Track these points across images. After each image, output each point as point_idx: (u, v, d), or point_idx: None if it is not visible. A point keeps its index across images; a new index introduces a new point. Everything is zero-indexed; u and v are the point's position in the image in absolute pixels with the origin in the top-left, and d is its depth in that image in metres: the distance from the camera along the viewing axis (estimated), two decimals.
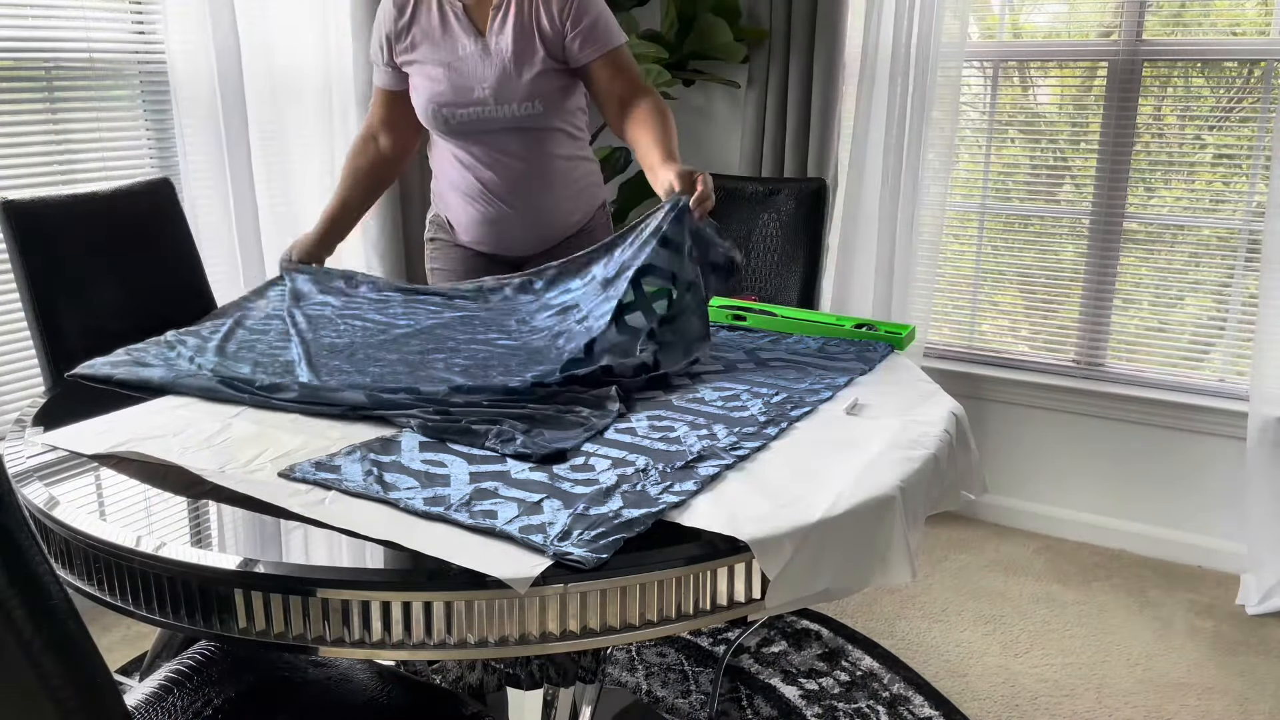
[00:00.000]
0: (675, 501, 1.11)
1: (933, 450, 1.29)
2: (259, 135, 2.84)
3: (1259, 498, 2.63)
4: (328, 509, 1.09)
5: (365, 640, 0.98)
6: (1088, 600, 2.68)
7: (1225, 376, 2.86)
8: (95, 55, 2.50)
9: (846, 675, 2.31)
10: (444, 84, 2.06)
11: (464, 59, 2.05)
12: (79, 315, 1.96)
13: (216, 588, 0.99)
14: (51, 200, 1.95)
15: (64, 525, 1.09)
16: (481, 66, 2.05)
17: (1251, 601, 2.62)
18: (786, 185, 2.39)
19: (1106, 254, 2.94)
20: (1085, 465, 3.00)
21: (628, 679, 2.28)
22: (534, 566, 0.97)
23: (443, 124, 2.09)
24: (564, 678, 1.49)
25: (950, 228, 3.14)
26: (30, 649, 0.84)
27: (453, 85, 2.06)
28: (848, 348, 1.75)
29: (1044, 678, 2.33)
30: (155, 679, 1.29)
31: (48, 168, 2.43)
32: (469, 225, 2.18)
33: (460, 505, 1.09)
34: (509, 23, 2.03)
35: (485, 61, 2.04)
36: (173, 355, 1.64)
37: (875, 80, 2.95)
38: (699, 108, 3.35)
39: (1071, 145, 2.95)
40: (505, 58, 2.03)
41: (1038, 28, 2.95)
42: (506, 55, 2.03)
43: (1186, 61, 2.78)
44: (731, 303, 1.96)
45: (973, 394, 3.11)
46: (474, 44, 2.05)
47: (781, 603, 1.06)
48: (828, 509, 1.10)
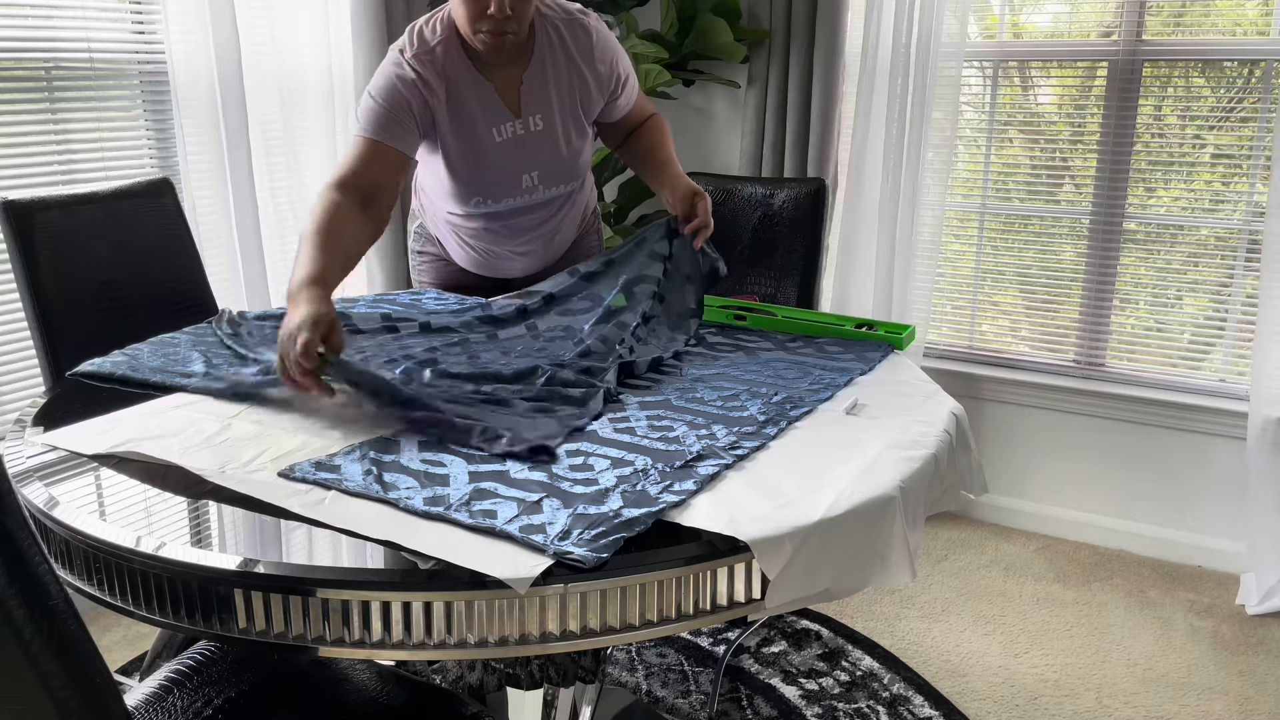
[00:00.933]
0: (675, 501, 1.11)
1: (933, 450, 1.29)
2: (259, 135, 2.84)
3: (1259, 498, 2.63)
4: (328, 509, 1.09)
5: (365, 640, 0.98)
6: (1088, 600, 2.68)
7: (1225, 376, 2.86)
8: (95, 55, 2.50)
9: (846, 675, 2.31)
10: (486, 176, 1.88)
11: (503, 145, 1.87)
12: (79, 315, 1.96)
13: (216, 588, 0.99)
14: (51, 200, 1.95)
15: (64, 525, 1.09)
16: (525, 152, 1.88)
17: (1251, 601, 2.61)
18: (786, 185, 2.39)
19: (1106, 254, 2.94)
20: (1085, 465, 3.00)
21: (628, 679, 2.28)
22: (534, 566, 0.97)
23: (474, 209, 1.95)
24: (564, 678, 1.49)
25: (950, 228, 3.14)
26: (30, 649, 0.84)
27: (495, 177, 1.89)
28: (847, 347, 1.75)
29: (1044, 678, 2.33)
30: (155, 679, 1.29)
31: (48, 168, 2.43)
32: (465, 259, 2.14)
33: (460, 505, 1.09)
34: (550, 97, 1.86)
35: (528, 147, 1.88)
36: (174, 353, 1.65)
37: (875, 80, 2.95)
38: (699, 108, 3.35)
39: (1071, 145, 2.95)
40: (555, 138, 1.88)
41: (1038, 28, 2.95)
42: (556, 135, 1.88)
43: (1187, 61, 2.78)
44: (731, 302, 1.96)
45: (973, 394, 3.11)
46: (511, 128, 1.86)
47: (781, 603, 1.06)
48: (828, 509, 1.10)
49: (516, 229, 2.02)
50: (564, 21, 1.86)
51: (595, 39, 1.87)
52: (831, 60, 2.96)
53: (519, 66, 1.84)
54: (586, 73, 1.87)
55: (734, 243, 2.41)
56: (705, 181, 2.47)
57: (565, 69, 1.86)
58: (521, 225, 2.01)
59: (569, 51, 1.86)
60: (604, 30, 1.90)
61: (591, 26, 1.88)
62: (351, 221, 1.66)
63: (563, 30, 1.86)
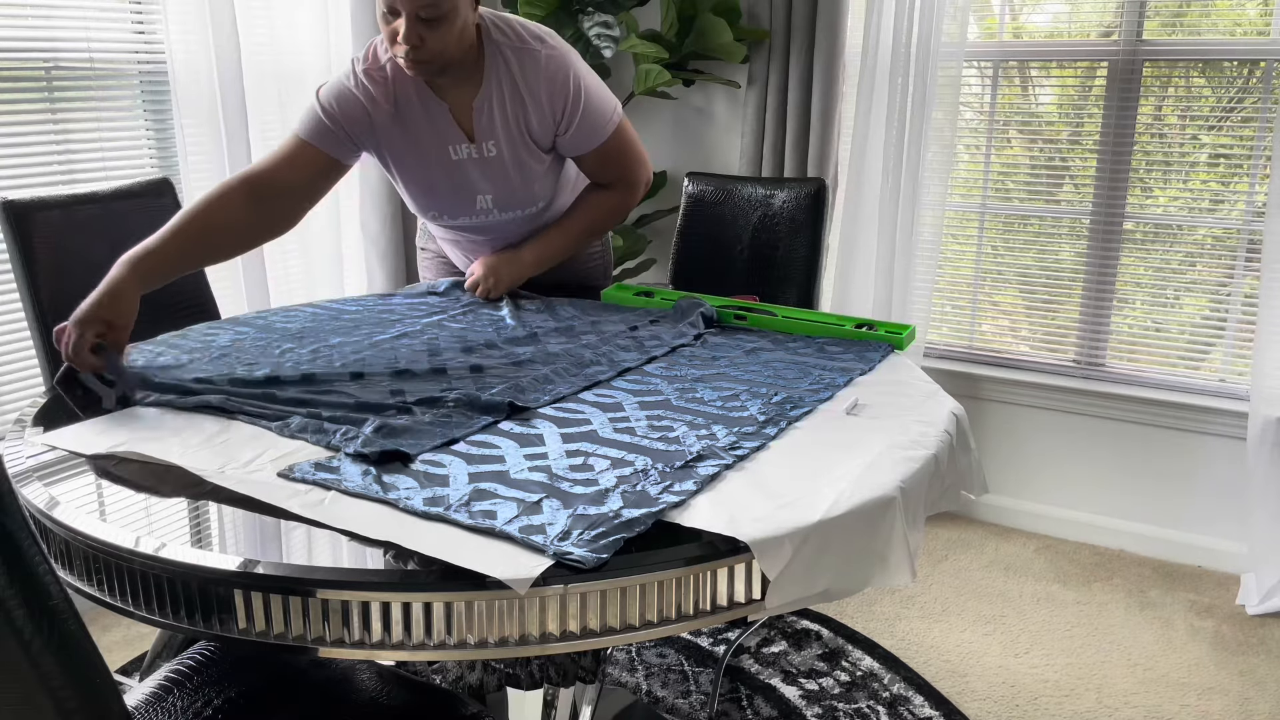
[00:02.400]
0: (675, 501, 1.11)
1: (933, 450, 1.29)
2: (259, 136, 2.84)
3: (1259, 498, 2.63)
4: (328, 509, 1.09)
5: (365, 640, 0.98)
6: (1088, 600, 2.68)
7: (1225, 376, 2.86)
8: (95, 56, 2.50)
9: (846, 675, 2.31)
10: (441, 195, 1.90)
11: (458, 166, 1.87)
12: None
13: (216, 588, 0.99)
14: (51, 200, 1.95)
15: (64, 525, 1.09)
16: (478, 176, 1.88)
17: (1251, 601, 2.61)
18: (786, 185, 2.39)
19: (1106, 254, 2.94)
20: (1085, 465, 3.00)
21: (628, 679, 2.28)
22: (534, 567, 0.97)
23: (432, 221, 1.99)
24: (564, 678, 1.49)
25: (950, 228, 3.14)
26: (30, 649, 0.84)
27: (451, 199, 1.91)
28: (847, 347, 1.75)
29: (1044, 678, 2.33)
30: (155, 679, 1.29)
31: (48, 168, 2.43)
32: (456, 259, 2.19)
33: (459, 505, 1.09)
34: (496, 126, 1.84)
35: (482, 170, 1.88)
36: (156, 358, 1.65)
37: (875, 80, 2.95)
38: (699, 108, 3.35)
39: (1071, 145, 2.95)
40: (504, 163, 1.87)
41: (1038, 28, 2.95)
42: (505, 161, 1.87)
43: (1187, 61, 2.78)
44: (731, 302, 1.96)
45: (973, 394, 3.11)
46: (465, 150, 1.86)
47: (781, 603, 1.06)
48: (828, 509, 1.10)
49: (482, 244, 2.04)
50: (514, 49, 1.82)
51: (542, 68, 1.82)
52: (831, 60, 2.96)
53: (470, 90, 1.83)
54: (528, 101, 1.84)
55: (734, 243, 2.41)
56: (705, 181, 2.47)
57: (511, 96, 1.83)
58: (486, 240, 2.03)
59: (514, 79, 1.83)
60: (557, 63, 1.83)
61: (542, 56, 1.82)
62: (228, 211, 1.68)
63: (510, 58, 1.82)
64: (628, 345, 1.70)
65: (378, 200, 3.20)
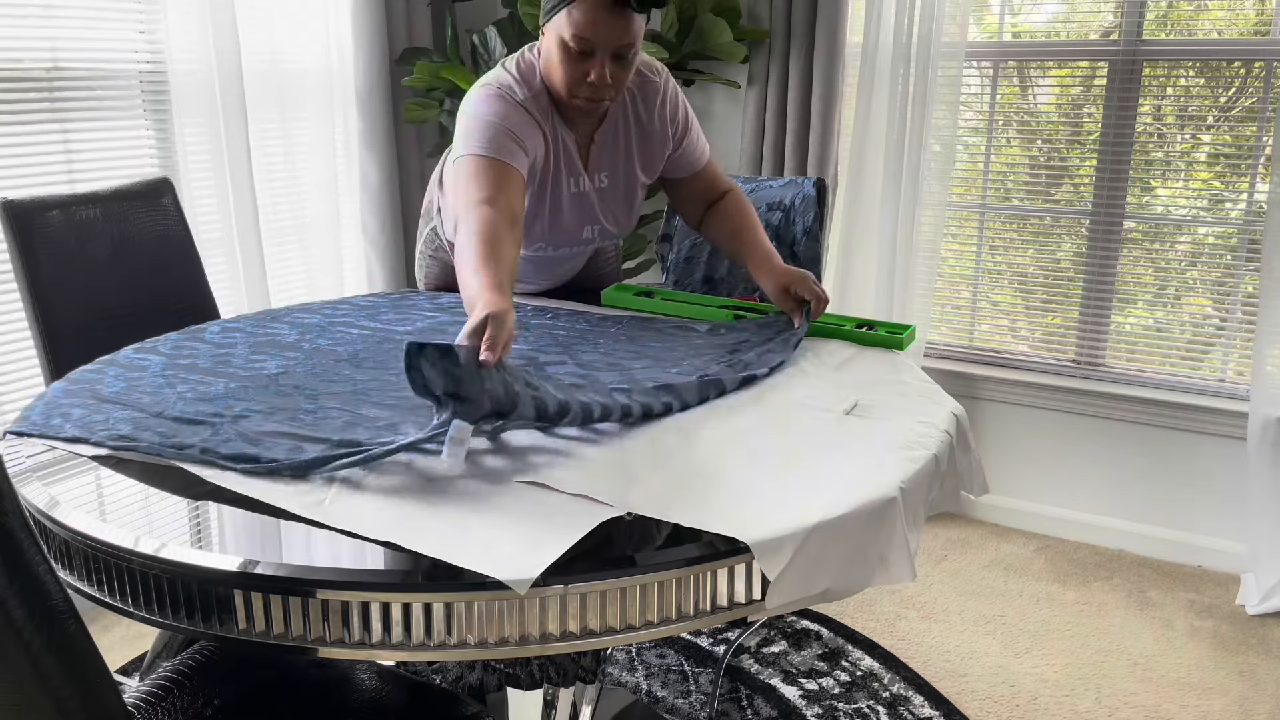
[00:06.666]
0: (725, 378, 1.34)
1: (933, 450, 1.29)
2: (259, 137, 2.85)
3: (1259, 498, 2.63)
4: (328, 509, 1.09)
5: (365, 641, 0.98)
6: (1088, 600, 2.68)
7: (1225, 376, 2.86)
8: (97, 58, 2.50)
9: (846, 675, 2.31)
10: (555, 225, 1.89)
11: (574, 198, 1.88)
12: (79, 315, 1.96)
13: (216, 588, 0.99)
14: (51, 200, 1.95)
15: (64, 525, 1.09)
16: (591, 207, 1.90)
17: (1251, 601, 2.62)
18: (786, 185, 2.38)
19: (1106, 253, 2.94)
20: (1085, 465, 3.00)
21: (628, 679, 2.28)
22: (534, 567, 0.97)
23: (533, 252, 1.96)
24: (564, 678, 1.49)
25: (950, 228, 3.14)
26: (30, 649, 0.84)
27: (563, 228, 1.90)
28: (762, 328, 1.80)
29: (1044, 678, 2.33)
30: (155, 679, 1.29)
31: (50, 171, 2.43)
32: (534, 279, 2.17)
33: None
34: (619, 156, 1.89)
35: (595, 201, 1.90)
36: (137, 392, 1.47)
37: (875, 80, 2.95)
38: (699, 108, 3.35)
39: (1071, 145, 2.95)
40: (618, 196, 1.91)
41: (1038, 27, 2.95)
42: (619, 193, 1.91)
43: (1186, 61, 2.78)
44: (732, 302, 1.96)
45: (972, 394, 3.11)
46: (579, 183, 1.88)
47: (781, 603, 1.06)
48: (828, 510, 1.10)
49: (546, 264, 2.05)
50: (637, 83, 1.87)
51: (665, 98, 1.89)
52: (831, 60, 2.96)
53: (593, 122, 1.85)
54: (647, 129, 1.89)
55: None
56: None
57: (630, 127, 1.88)
58: (557, 262, 2.04)
59: (637, 110, 1.88)
60: (672, 90, 1.91)
61: (660, 86, 1.89)
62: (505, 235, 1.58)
63: (635, 90, 1.87)
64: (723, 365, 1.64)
65: (378, 201, 3.20)
